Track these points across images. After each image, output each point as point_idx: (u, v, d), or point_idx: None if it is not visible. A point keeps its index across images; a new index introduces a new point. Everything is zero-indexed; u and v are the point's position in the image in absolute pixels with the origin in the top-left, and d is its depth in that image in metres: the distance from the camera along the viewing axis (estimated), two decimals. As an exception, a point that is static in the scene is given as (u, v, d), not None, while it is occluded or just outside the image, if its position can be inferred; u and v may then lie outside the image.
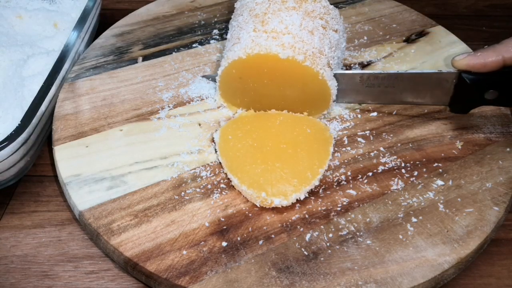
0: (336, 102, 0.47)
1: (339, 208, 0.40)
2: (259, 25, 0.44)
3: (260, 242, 0.38)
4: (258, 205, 0.40)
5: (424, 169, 0.43)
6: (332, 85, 0.45)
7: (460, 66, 0.42)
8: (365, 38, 0.58)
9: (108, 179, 0.42)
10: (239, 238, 0.38)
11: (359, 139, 0.46)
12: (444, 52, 0.56)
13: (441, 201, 0.40)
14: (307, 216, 0.40)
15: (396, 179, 0.42)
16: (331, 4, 0.49)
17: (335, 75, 0.45)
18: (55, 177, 0.47)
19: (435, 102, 0.46)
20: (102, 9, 0.64)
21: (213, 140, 0.45)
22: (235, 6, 0.52)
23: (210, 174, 0.43)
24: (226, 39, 0.52)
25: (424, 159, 0.44)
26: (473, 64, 0.41)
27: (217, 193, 0.41)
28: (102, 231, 0.38)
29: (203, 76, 0.52)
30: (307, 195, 0.41)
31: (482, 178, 0.42)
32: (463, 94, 0.44)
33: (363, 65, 0.54)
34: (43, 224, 0.43)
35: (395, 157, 0.44)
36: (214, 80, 0.49)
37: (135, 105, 0.49)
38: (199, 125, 0.47)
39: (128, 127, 0.47)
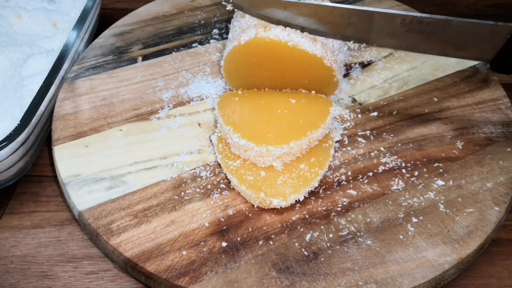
0: (367, 44, 0.44)
1: (339, 208, 0.40)
2: (261, 30, 0.44)
3: (260, 242, 0.38)
4: (256, 206, 0.40)
5: (425, 169, 0.43)
6: (337, 69, 0.45)
7: None
8: (365, 37, 0.58)
9: (107, 179, 0.42)
10: (239, 239, 0.38)
11: (359, 139, 0.46)
12: (444, 52, 0.56)
13: (442, 201, 0.40)
14: (307, 216, 0.39)
15: (396, 179, 0.42)
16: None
17: (374, 14, 0.41)
18: (54, 177, 0.47)
19: (477, 57, 0.42)
20: (102, 8, 0.64)
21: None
22: None
23: (210, 174, 0.43)
24: (226, 38, 0.51)
25: (424, 159, 0.44)
26: None
27: (217, 193, 0.41)
28: (102, 231, 0.38)
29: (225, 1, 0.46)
30: (307, 195, 0.41)
31: (483, 178, 0.42)
32: None
33: (363, 65, 0.54)
34: (42, 224, 0.43)
35: (396, 157, 0.44)
36: (228, 1, 0.45)
37: (134, 105, 0.49)
38: (199, 125, 0.47)
39: (127, 127, 0.47)
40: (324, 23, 0.43)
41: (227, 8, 0.46)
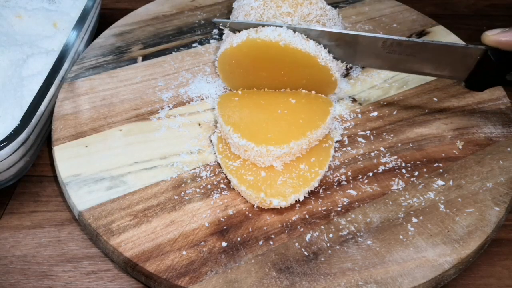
0: (352, 64, 0.47)
1: (339, 208, 0.40)
2: (253, 32, 0.44)
3: (260, 242, 0.38)
4: (256, 206, 0.40)
5: (425, 169, 0.43)
6: (334, 68, 0.45)
7: (491, 41, 0.41)
8: (365, 37, 0.58)
9: (107, 179, 0.42)
10: (239, 239, 0.38)
11: (359, 139, 0.46)
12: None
13: (442, 201, 0.40)
14: (307, 216, 0.39)
15: (396, 179, 0.42)
16: (331, 3, 0.49)
17: (358, 37, 0.45)
18: (54, 177, 0.47)
19: (452, 76, 0.45)
20: (102, 8, 0.64)
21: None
22: (233, 6, 0.52)
23: (210, 174, 0.43)
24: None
25: (424, 159, 0.44)
26: (506, 41, 0.40)
27: (217, 193, 0.41)
28: (102, 231, 0.38)
29: (214, 21, 0.48)
30: (307, 195, 0.41)
31: (483, 178, 0.42)
32: (484, 72, 0.43)
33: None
34: (42, 224, 0.43)
35: (396, 157, 0.44)
36: (225, 26, 0.47)
37: (134, 105, 0.49)
38: (199, 125, 0.47)
39: (127, 127, 0.47)
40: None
41: (224, 32, 0.47)
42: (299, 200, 0.40)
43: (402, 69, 0.46)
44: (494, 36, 0.40)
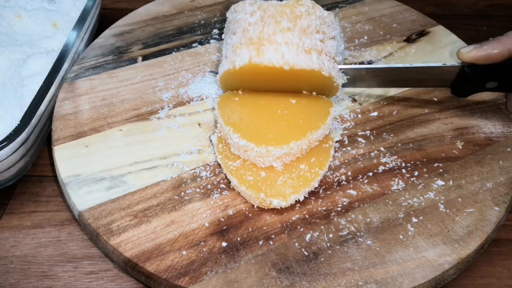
0: (343, 87, 0.48)
1: (339, 208, 0.40)
2: (254, 54, 0.43)
3: (260, 242, 0.38)
4: (256, 206, 0.40)
5: (425, 169, 0.43)
6: (338, 75, 0.45)
7: (466, 59, 0.43)
8: (366, 37, 0.58)
9: (107, 179, 0.42)
10: (239, 239, 0.38)
11: (359, 139, 0.46)
12: (444, 52, 0.56)
13: (442, 201, 0.40)
14: (307, 216, 0.39)
15: (396, 179, 0.42)
16: (331, 4, 0.49)
17: (342, 69, 0.47)
18: (54, 177, 0.47)
19: (437, 86, 0.49)
20: (102, 8, 0.64)
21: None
22: (226, 16, 0.50)
23: (210, 174, 0.43)
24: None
25: (424, 159, 0.44)
26: (479, 56, 0.42)
27: (217, 193, 0.41)
28: (102, 231, 0.38)
29: (210, 71, 0.53)
30: (307, 196, 0.41)
31: (483, 178, 0.42)
32: (464, 82, 0.45)
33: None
34: (42, 224, 0.43)
35: (396, 157, 0.44)
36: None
37: (134, 105, 0.49)
38: (199, 125, 0.47)
39: (127, 127, 0.47)
40: None
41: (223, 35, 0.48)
42: (299, 200, 0.40)
43: (390, 86, 0.49)
44: (470, 53, 0.43)
